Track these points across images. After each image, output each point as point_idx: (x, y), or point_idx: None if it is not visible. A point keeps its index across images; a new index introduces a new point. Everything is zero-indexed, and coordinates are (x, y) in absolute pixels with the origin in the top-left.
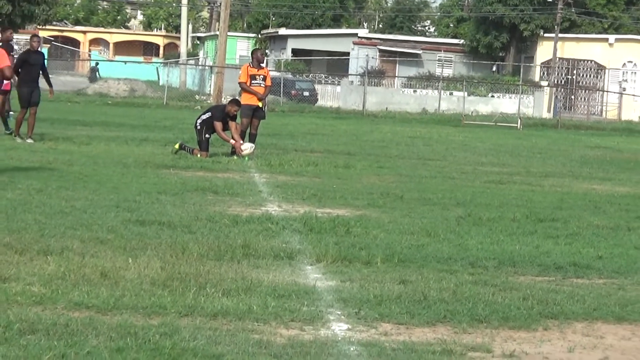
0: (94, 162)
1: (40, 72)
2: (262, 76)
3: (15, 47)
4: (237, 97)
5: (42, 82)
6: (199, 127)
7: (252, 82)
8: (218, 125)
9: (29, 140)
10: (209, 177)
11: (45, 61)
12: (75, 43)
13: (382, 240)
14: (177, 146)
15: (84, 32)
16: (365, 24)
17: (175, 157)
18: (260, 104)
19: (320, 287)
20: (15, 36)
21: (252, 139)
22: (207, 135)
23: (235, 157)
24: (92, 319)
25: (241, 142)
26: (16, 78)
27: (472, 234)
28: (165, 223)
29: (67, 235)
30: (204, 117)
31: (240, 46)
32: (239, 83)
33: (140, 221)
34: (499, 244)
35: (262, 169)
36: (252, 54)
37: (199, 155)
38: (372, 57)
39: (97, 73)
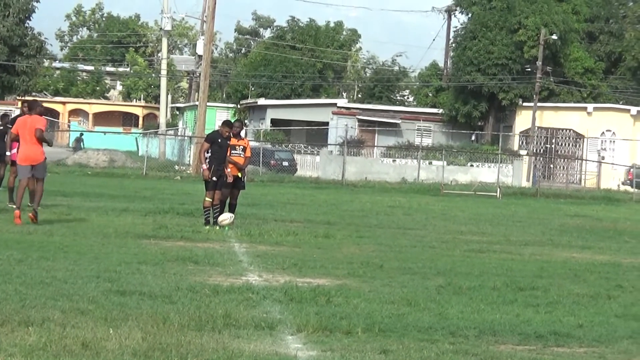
0: (74, 232)
1: None
2: (242, 147)
3: None
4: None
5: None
6: (206, 167)
7: (232, 152)
8: (204, 145)
9: None
10: (189, 247)
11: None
12: (55, 114)
13: (363, 309)
14: (216, 227)
15: (64, 103)
16: (344, 94)
17: (155, 227)
18: (240, 174)
19: (301, 357)
20: None
21: (231, 209)
22: (214, 178)
23: (216, 227)
24: None
25: (213, 178)
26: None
27: (453, 303)
28: (146, 293)
29: (48, 305)
30: (207, 154)
31: (220, 116)
32: None
33: (121, 291)
34: (480, 313)
35: (242, 239)
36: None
37: (206, 199)
38: (351, 127)
39: (81, 143)
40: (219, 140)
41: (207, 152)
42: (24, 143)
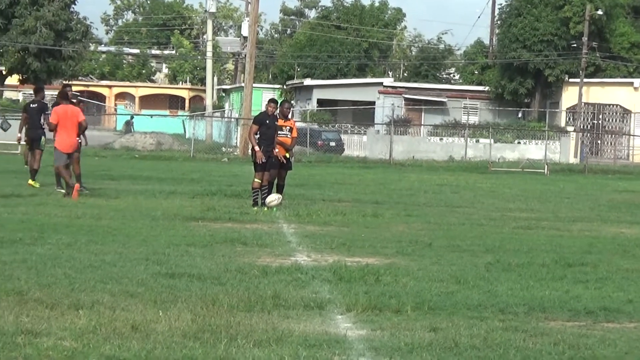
0: (122, 215)
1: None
2: (288, 127)
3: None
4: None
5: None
6: (257, 148)
7: (279, 133)
8: (253, 127)
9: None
10: (237, 228)
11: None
12: (101, 97)
13: (412, 288)
14: (264, 208)
15: (110, 87)
16: (390, 73)
17: (204, 209)
18: (287, 155)
19: (351, 337)
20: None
21: (279, 190)
22: (263, 160)
23: (264, 208)
24: None
25: (264, 159)
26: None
27: (502, 280)
28: (195, 275)
29: (97, 289)
30: (256, 136)
31: (266, 97)
32: None
33: (170, 274)
34: (529, 289)
35: (290, 220)
36: (280, 104)
37: (255, 180)
38: (398, 106)
39: (132, 126)
40: (267, 121)
41: (256, 134)
42: (66, 132)
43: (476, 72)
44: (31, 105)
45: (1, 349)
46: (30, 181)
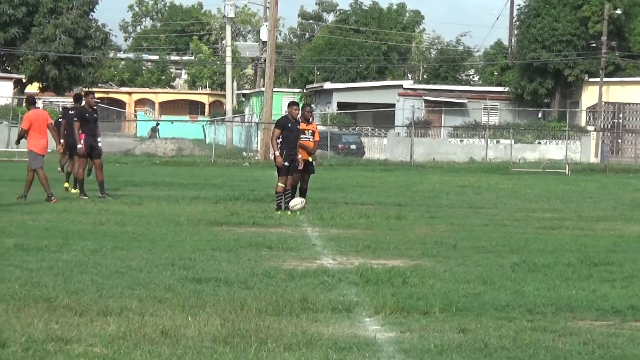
0: (146, 221)
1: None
2: (310, 131)
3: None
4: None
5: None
6: (277, 153)
7: (302, 136)
8: (275, 131)
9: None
10: (262, 232)
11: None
12: (121, 104)
13: (439, 289)
14: (288, 212)
15: (129, 93)
16: (410, 75)
17: (227, 214)
18: (310, 159)
19: (380, 339)
20: (62, 99)
21: (302, 194)
22: (286, 163)
23: (288, 212)
24: None
25: (286, 163)
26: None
27: (528, 280)
28: (222, 280)
29: (125, 295)
30: (279, 140)
31: (286, 101)
32: None
33: (197, 279)
34: (556, 289)
35: (314, 223)
36: (301, 108)
37: (279, 184)
38: (418, 108)
39: (157, 133)
40: (289, 125)
41: (279, 138)
42: (39, 135)
43: (496, 73)
44: (70, 112)
45: (32, 356)
46: (70, 188)
